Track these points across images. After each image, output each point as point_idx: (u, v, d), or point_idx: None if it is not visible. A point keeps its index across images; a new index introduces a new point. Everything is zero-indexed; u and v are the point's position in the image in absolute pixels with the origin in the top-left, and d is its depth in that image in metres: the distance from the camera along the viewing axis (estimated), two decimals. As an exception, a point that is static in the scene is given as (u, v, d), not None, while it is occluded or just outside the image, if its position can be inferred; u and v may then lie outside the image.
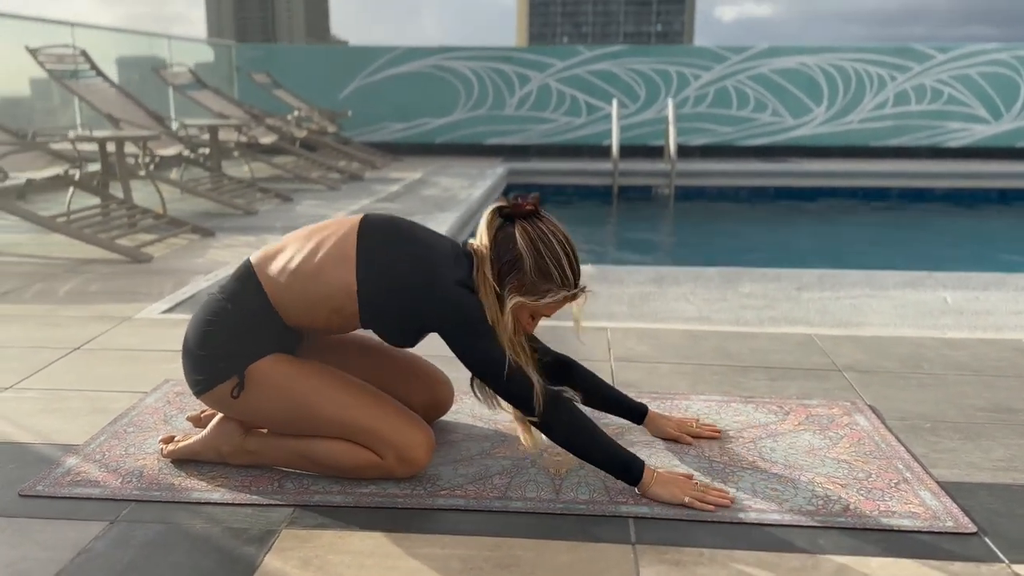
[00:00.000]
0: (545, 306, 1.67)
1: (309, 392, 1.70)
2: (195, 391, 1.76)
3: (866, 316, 2.96)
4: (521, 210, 1.66)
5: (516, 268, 1.64)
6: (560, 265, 1.64)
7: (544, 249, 1.63)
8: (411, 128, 9.91)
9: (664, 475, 1.69)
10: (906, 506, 1.66)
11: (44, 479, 1.74)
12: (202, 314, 1.75)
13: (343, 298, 1.66)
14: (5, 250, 4.06)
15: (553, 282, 1.64)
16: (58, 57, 5.30)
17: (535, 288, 1.64)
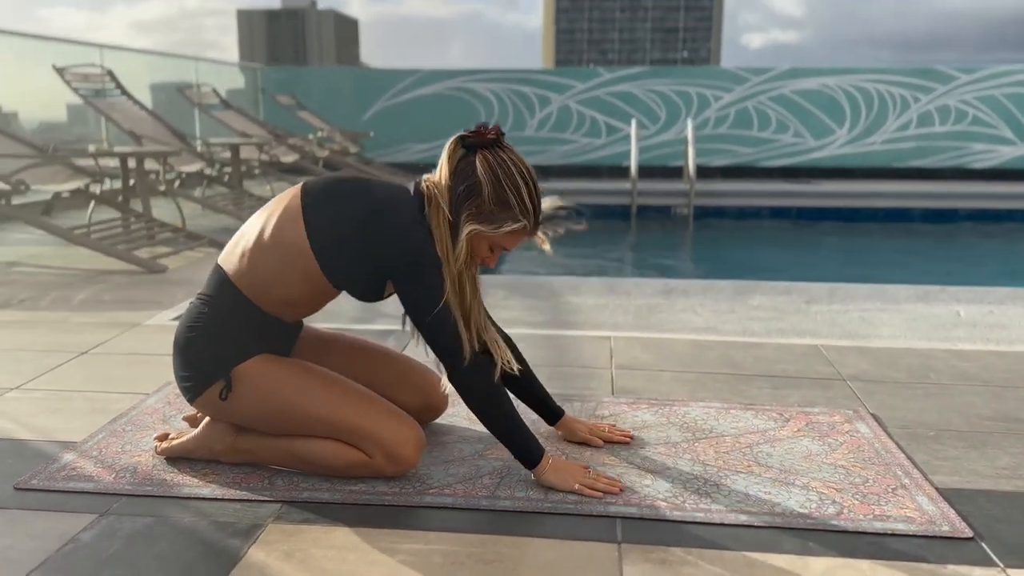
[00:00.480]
0: (503, 237, 1.64)
1: (296, 391, 1.71)
2: (187, 397, 1.77)
3: (876, 328, 2.92)
4: (484, 138, 1.64)
5: (473, 195, 1.61)
6: (519, 194, 1.61)
7: (503, 177, 1.60)
8: (432, 149, 9.98)
9: (559, 462, 1.71)
10: (901, 511, 1.62)
11: (39, 473, 1.76)
12: (184, 321, 1.77)
13: (302, 259, 1.66)
14: (25, 261, 4.14)
15: (511, 212, 1.61)
16: (84, 76, 5.43)
17: (492, 217, 1.61)
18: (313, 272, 1.67)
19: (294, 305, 1.75)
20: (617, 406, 2.17)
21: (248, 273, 1.70)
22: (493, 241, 1.66)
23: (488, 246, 1.67)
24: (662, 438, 1.97)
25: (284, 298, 1.72)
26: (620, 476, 1.75)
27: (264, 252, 1.68)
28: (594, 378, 2.39)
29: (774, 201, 8.16)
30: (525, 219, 1.63)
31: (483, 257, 1.69)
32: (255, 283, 1.70)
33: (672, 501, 1.65)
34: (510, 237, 1.65)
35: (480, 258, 1.69)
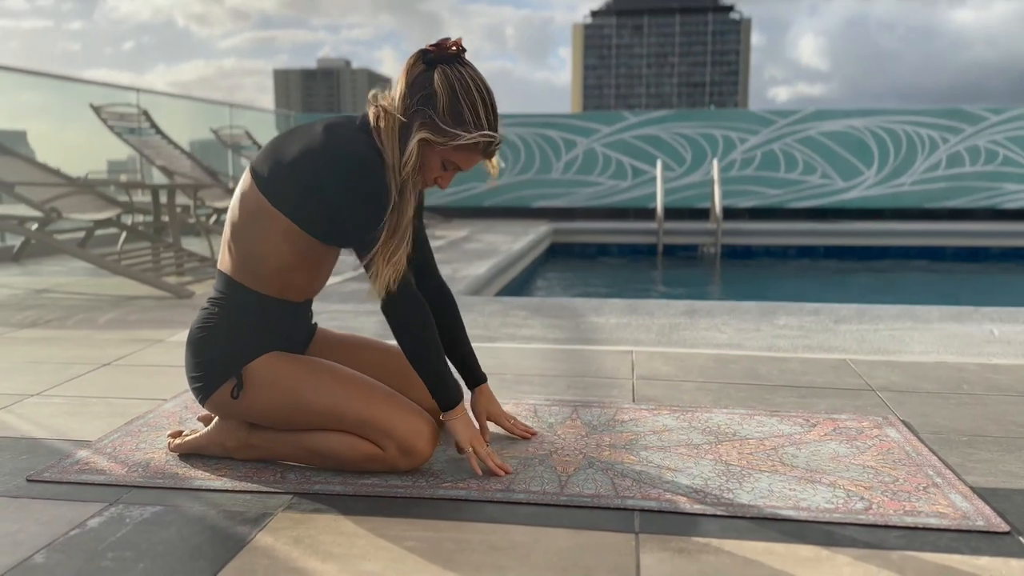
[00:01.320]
0: (454, 151, 1.61)
1: (307, 386, 1.69)
2: (199, 399, 1.76)
3: (906, 345, 2.84)
4: (445, 52, 1.61)
5: (428, 105, 1.58)
6: (474, 109, 1.58)
7: (460, 90, 1.58)
8: (459, 192, 10.09)
9: (469, 420, 1.71)
10: (934, 507, 1.55)
11: (53, 467, 1.75)
12: (194, 323, 1.77)
13: (270, 219, 1.65)
14: (57, 289, 4.21)
15: (465, 125, 1.58)
16: (120, 115, 5.58)
17: (445, 129, 1.58)
18: (287, 227, 1.65)
19: (292, 273, 1.72)
20: (638, 412, 2.12)
21: (239, 261, 1.70)
22: (445, 156, 1.62)
23: (440, 161, 1.64)
24: (683, 440, 1.91)
25: (279, 269, 1.70)
26: (639, 474, 1.70)
27: (241, 232, 1.69)
28: (615, 387, 2.34)
29: (803, 240, 8.09)
30: (475, 132, 1.59)
31: (435, 176, 1.67)
32: (248, 267, 1.70)
33: (692, 496, 1.59)
34: (462, 153, 1.62)
35: (432, 177, 1.66)
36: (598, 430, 1.98)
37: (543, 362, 2.63)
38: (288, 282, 1.74)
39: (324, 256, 1.74)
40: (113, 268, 4.03)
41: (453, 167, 1.66)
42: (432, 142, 1.59)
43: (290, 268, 1.72)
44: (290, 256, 1.69)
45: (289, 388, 1.69)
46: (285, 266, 1.71)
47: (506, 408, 2.14)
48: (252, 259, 1.70)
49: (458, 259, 5.53)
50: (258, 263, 1.70)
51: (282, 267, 1.71)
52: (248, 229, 1.69)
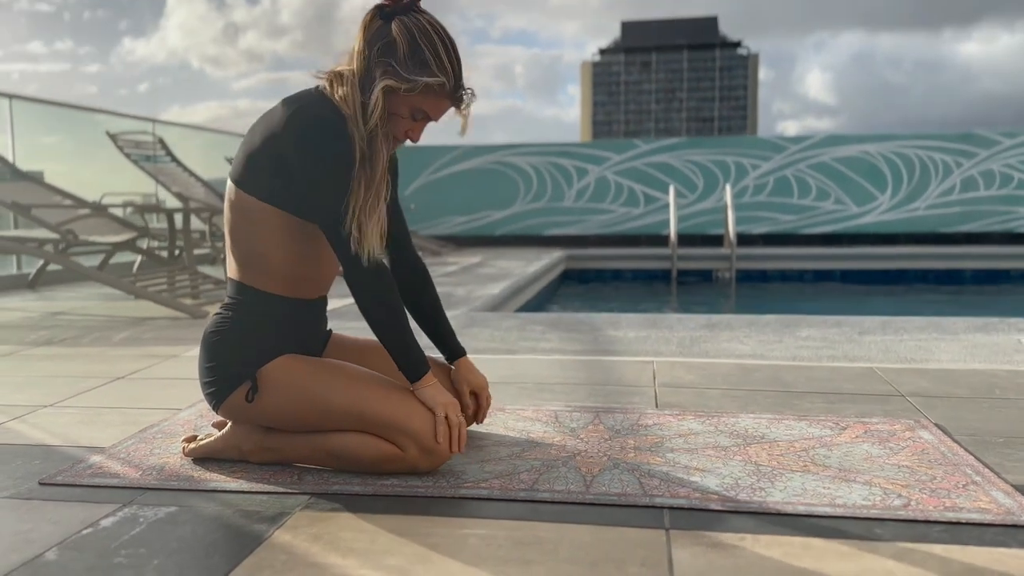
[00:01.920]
0: (421, 97, 1.58)
1: (324, 386, 1.65)
2: (213, 404, 1.72)
3: (933, 354, 2.78)
4: (400, 3, 1.59)
5: (388, 53, 1.56)
6: (435, 51, 1.56)
7: (419, 35, 1.56)
8: (473, 221, 10.11)
9: (441, 388, 1.65)
10: (975, 503, 1.49)
11: (66, 471, 1.72)
12: (207, 328, 1.74)
13: (253, 211, 1.64)
14: (72, 311, 4.20)
15: (428, 69, 1.56)
16: (136, 143, 5.63)
17: (408, 76, 1.55)
18: (272, 214, 1.63)
19: (297, 265, 1.69)
20: (662, 417, 2.07)
21: (244, 264, 1.69)
22: (413, 103, 1.59)
23: (409, 111, 1.61)
24: (711, 443, 1.86)
25: (283, 262, 1.68)
26: (666, 474, 1.65)
27: (237, 235, 1.68)
28: (637, 395, 2.29)
29: (819, 264, 8.03)
30: (443, 76, 1.57)
31: (405, 130, 1.64)
32: (253, 268, 1.68)
33: (724, 494, 1.54)
34: (429, 98, 1.59)
35: (403, 130, 1.64)
36: (622, 434, 1.93)
37: (562, 371, 2.59)
38: (296, 275, 1.71)
39: (323, 240, 1.70)
40: (128, 288, 4.02)
41: (423, 116, 1.63)
42: (396, 88, 1.57)
43: (293, 259, 1.69)
44: (289, 245, 1.67)
45: (305, 389, 1.66)
46: (288, 258, 1.68)
47: (525, 413, 2.10)
48: (254, 258, 1.68)
49: (472, 282, 5.50)
50: (261, 260, 1.68)
51: (285, 260, 1.68)
52: (241, 230, 1.67)
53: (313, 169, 1.58)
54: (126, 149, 5.51)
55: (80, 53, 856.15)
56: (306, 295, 1.75)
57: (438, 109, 1.63)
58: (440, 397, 1.64)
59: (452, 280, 5.69)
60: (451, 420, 1.62)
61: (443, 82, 1.58)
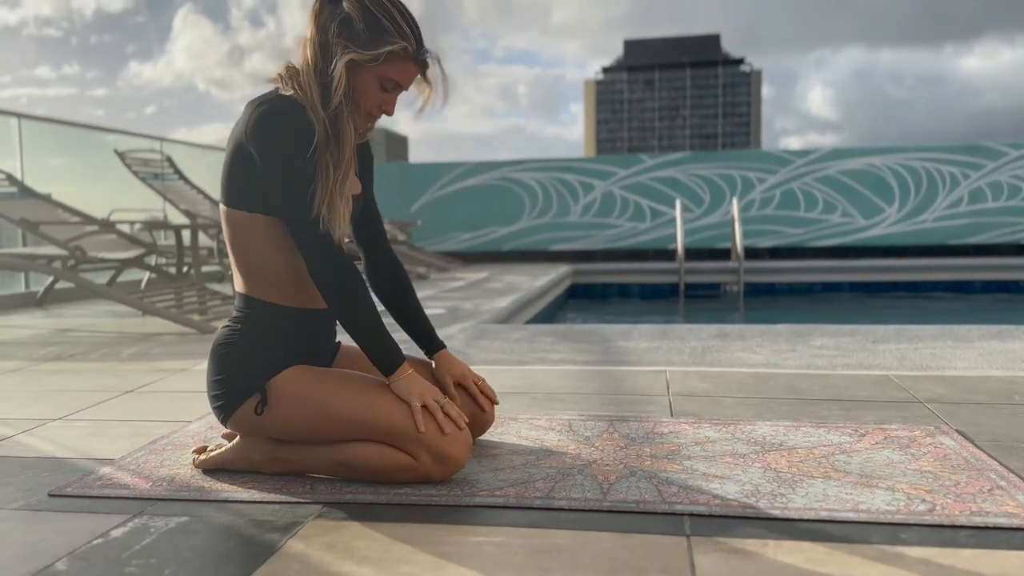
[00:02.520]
0: (388, 66, 1.57)
1: (333, 396, 1.63)
2: (221, 417, 1.70)
3: (948, 362, 2.75)
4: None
5: (345, 30, 1.56)
6: (393, 18, 1.56)
7: (372, 5, 1.56)
8: (478, 237, 10.11)
9: (416, 377, 1.62)
10: (1002, 507, 1.46)
11: (75, 483, 1.70)
12: (215, 342, 1.73)
13: (244, 222, 1.64)
14: (79, 328, 4.20)
15: (387, 35, 1.55)
16: (144, 161, 5.64)
17: (368, 46, 1.55)
18: (259, 221, 1.63)
19: (301, 273, 1.67)
20: (677, 425, 2.04)
21: (248, 276, 1.68)
22: (379, 74, 1.59)
23: (378, 83, 1.60)
24: (728, 451, 1.83)
25: (285, 270, 1.67)
26: (685, 481, 1.62)
27: (236, 250, 1.68)
28: (651, 403, 2.26)
29: (827, 276, 8.00)
30: (404, 40, 1.57)
31: (378, 103, 1.63)
32: (258, 280, 1.67)
33: (744, 501, 1.51)
34: (394, 65, 1.58)
35: (376, 104, 1.63)
36: (637, 442, 1.90)
37: (574, 381, 2.56)
38: (302, 285, 1.69)
39: None
40: (137, 304, 4.01)
41: (393, 85, 1.62)
42: (359, 61, 1.56)
43: (296, 266, 1.67)
44: (286, 251, 1.66)
45: (314, 400, 1.63)
46: (290, 264, 1.67)
47: (538, 422, 2.07)
48: (257, 270, 1.67)
49: (480, 296, 5.49)
50: (264, 271, 1.67)
51: (288, 267, 1.67)
52: (239, 244, 1.67)
53: (273, 162, 1.57)
54: (134, 167, 5.52)
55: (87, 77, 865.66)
56: (315, 304, 1.73)
57: (405, 75, 1.62)
58: (415, 387, 1.61)
59: (459, 294, 5.68)
60: (430, 405, 1.59)
61: (405, 46, 1.58)
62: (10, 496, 1.63)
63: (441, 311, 4.62)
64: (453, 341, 3.40)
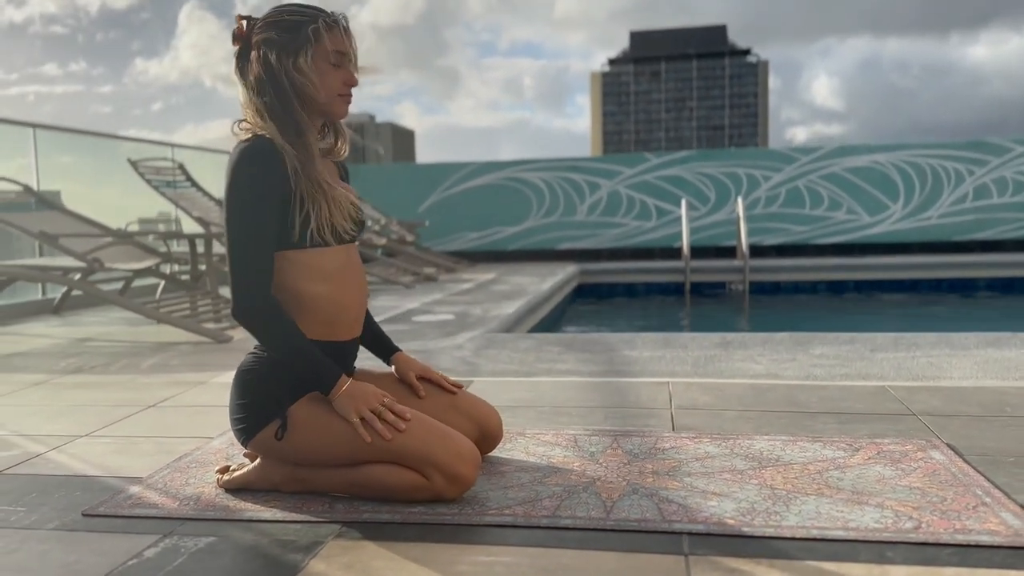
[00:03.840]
0: (323, 45, 1.70)
1: (348, 423, 1.72)
2: (242, 440, 1.80)
3: (944, 371, 2.82)
4: (239, 24, 1.74)
5: (269, 46, 1.70)
6: (295, 10, 1.72)
7: (277, 14, 1.71)
8: (485, 236, 10.18)
9: (353, 389, 1.70)
10: (985, 525, 1.54)
11: (106, 502, 1.79)
12: (241, 367, 1.83)
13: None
14: (98, 338, 4.30)
15: (303, 23, 1.70)
16: (156, 169, 5.74)
17: (295, 46, 1.69)
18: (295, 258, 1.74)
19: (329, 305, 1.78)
20: (679, 440, 2.12)
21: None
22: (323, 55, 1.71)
23: (326, 63, 1.72)
24: (727, 466, 1.91)
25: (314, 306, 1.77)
26: (684, 498, 1.70)
27: None
28: (653, 417, 2.35)
29: (832, 275, 8.06)
30: (316, 17, 1.71)
31: (341, 80, 1.75)
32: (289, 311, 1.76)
33: (740, 519, 1.59)
34: (329, 38, 1.71)
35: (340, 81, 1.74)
36: (640, 458, 1.98)
37: (580, 394, 2.65)
38: (330, 318, 1.79)
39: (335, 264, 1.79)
40: (153, 315, 4.12)
41: (337, 57, 1.74)
42: (302, 55, 1.70)
43: (322, 300, 1.77)
44: (315, 286, 1.76)
45: (331, 426, 1.72)
46: (317, 300, 1.77)
47: (545, 437, 2.16)
48: (289, 303, 1.76)
49: (487, 300, 5.57)
50: (292, 304, 1.76)
51: (315, 302, 1.77)
52: None
53: (227, 223, 1.70)
54: (147, 176, 5.62)
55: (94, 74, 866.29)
56: (341, 337, 1.82)
57: (340, 42, 1.74)
58: (350, 403, 1.69)
59: (467, 298, 5.76)
60: (367, 417, 1.68)
61: (320, 19, 1.71)
62: (46, 516, 1.72)
63: (450, 317, 4.71)
64: (462, 351, 3.49)
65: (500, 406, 2.46)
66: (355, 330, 1.89)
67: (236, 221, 1.69)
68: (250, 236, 1.69)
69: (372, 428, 1.68)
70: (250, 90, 1.75)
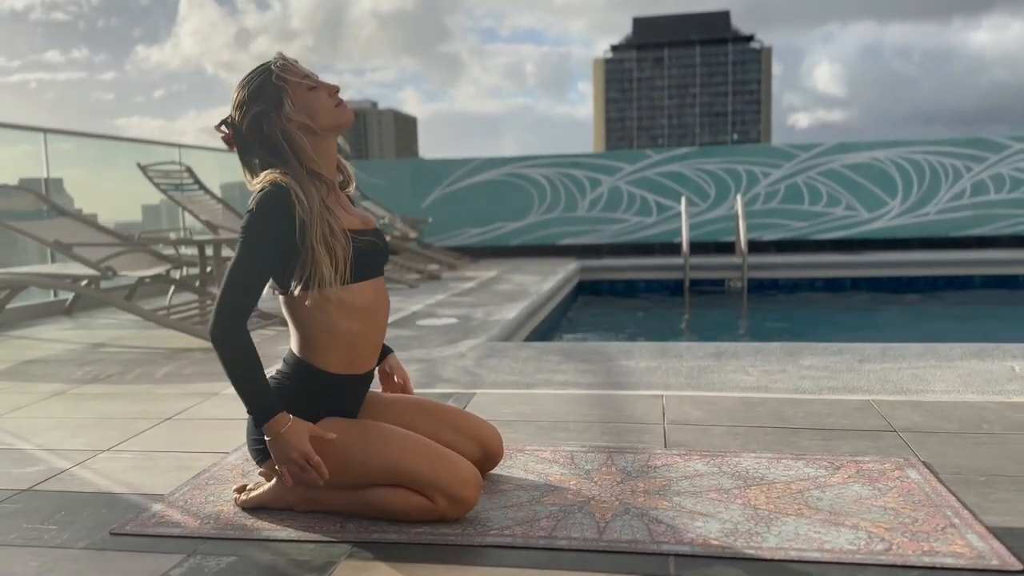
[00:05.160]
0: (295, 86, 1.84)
1: (359, 447, 1.84)
2: (257, 460, 1.93)
3: (928, 384, 2.94)
4: (221, 131, 1.91)
5: (255, 122, 1.84)
6: (250, 79, 1.86)
7: (240, 95, 1.85)
8: (488, 232, 10.29)
9: (290, 436, 1.77)
10: (950, 547, 1.66)
11: (132, 520, 1.91)
12: None
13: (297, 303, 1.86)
14: (111, 343, 4.43)
15: (266, 82, 1.84)
16: (164, 173, 5.85)
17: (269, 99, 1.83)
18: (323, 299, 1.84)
19: (354, 341, 1.89)
20: (670, 457, 2.24)
21: (305, 343, 1.90)
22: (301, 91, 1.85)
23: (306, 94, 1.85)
24: (714, 485, 2.03)
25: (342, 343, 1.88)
26: (673, 519, 1.82)
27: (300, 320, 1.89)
28: (647, 432, 2.47)
29: (829, 272, 8.16)
30: (270, 71, 1.84)
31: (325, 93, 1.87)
32: (313, 347, 1.88)
33: (723, 540, 1.71)
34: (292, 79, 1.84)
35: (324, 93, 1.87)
36: (632, 476, 2.10)
37: (578, 408, 2.77)
38: (353, 354, 1.91)
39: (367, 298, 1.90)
40: (164, 322, 4.24)
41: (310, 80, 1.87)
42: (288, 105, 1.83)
43: (349, 338, 1.88)
44: (343, 324, 1.86)
45: (342, 450, 1.84)
46: (344, 339, 1.88)
47: (543, 455, 2.28)
48: (314, 341, 1.88)
49: (490, 301, 5.69)
50: (321, 341, 1.88)
51: (343, 340, 1.88)
52: (299, 317, 1.88)
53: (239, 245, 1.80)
54: (156, 179, 5.73)
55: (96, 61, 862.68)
56: (359, 370, 1.94)
57: (298, 70, 1.88)
58: (283, 456, 1.78)
59: (470, 300, 5.88)
60: (292, 470, 1.79)
61: (272, 66, 1.85)
62: (77, 535, 1.85)
63: (453, 321, 4.83)
64: (464, 360, 3.61)
65: (501, 421, 2.58)
66: (374, 362, 2.01)
67: (243, 253, 1.78)
68: (249, 268, 1.79)
69: (299, 475, 1.79)
70: (263, 168, 1.87)
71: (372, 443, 1.84)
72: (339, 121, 1.89)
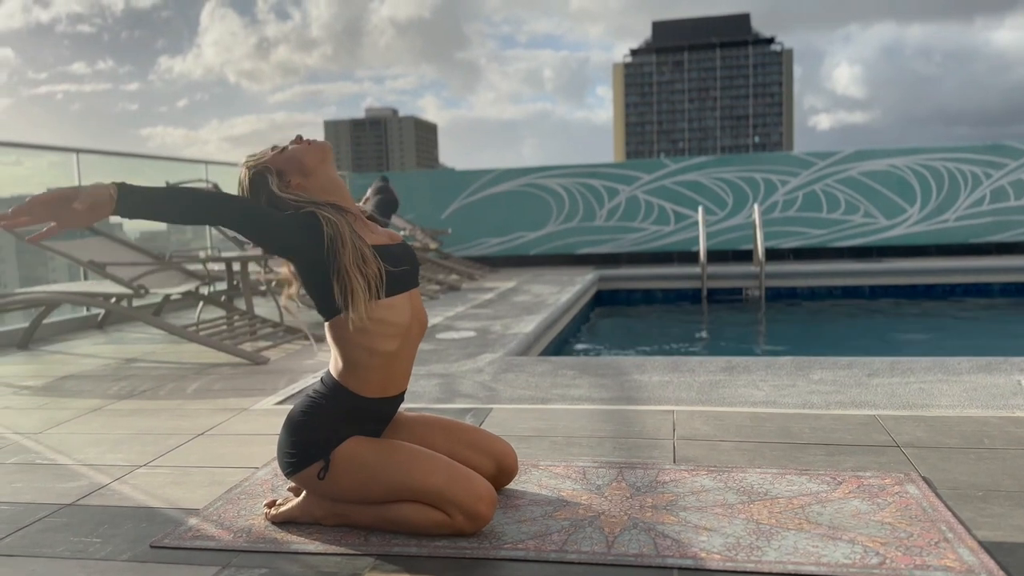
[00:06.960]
0: (270, 156, 2.05)
1: (383, 466, 1.96)
2: (286, 472, 2.05)
3: (934, 398, 3.01)
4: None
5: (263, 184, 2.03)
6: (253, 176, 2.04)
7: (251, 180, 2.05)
8: (507, 242, 10.42)
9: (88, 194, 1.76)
10: (942, 561, 1.74)
11: (170, 534, 2.05)
12: (299, 407, 2.07)
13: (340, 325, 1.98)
14: (143, 358, 4.59)
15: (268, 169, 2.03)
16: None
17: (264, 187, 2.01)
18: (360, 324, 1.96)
19: (389, 365, 2.01)
20: (678, 473, 2.34)
21: (345, 365, 2.01)
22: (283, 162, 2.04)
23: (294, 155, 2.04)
24: (719, 500, 2.13)
25: (379, 368, 2.00)
26: (678, 533, 1.92)
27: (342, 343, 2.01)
28: (657, 448, 2.57)
29: (847, 280, 8.19)
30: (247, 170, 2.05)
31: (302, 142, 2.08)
32: (351, 370, 2.00)
33: (726, 554, 1.81)
34: (272, 159, 2.04)
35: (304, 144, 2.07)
36: (641, 491, 2.21)
37: (591, 423, 2.87)
38: (387, 379, 2.03)
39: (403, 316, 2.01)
40: (195, 338, 4.39)
41: (283, 147, 2.07)
42: (290, 181, 2.02)
43: (387, 363, 2.01)
44: (382, 348, 1.99)
45: (366, 468, 1.97)
46: (382, 363, 2.00)
47: (556, 470, 2.38)
48: (353, 364, 2.01)
49: (508, 313, 5.80)
50: (359, 365, 2.00)
51: (381, 365, 2.00)
52: (342, 340, 2.00)
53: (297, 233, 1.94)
54: (183, 197, 5.89)
55: (121, 72, 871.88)
56: (392, 392, 2.07)
57: (265, 153, 2.07)
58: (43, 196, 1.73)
59: (489, 311, 5.99)
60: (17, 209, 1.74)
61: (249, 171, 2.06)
62: (119, 548, 1.98)
63: (471, 334, 4.95)
64: (482, 375, 3.72)
65: (517, 436, 2.69)
66: (406, 384, 2.14)
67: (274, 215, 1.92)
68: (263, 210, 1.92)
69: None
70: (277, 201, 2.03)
71: (396, 462, 1.96)
72: (320, 151, 2.06)
